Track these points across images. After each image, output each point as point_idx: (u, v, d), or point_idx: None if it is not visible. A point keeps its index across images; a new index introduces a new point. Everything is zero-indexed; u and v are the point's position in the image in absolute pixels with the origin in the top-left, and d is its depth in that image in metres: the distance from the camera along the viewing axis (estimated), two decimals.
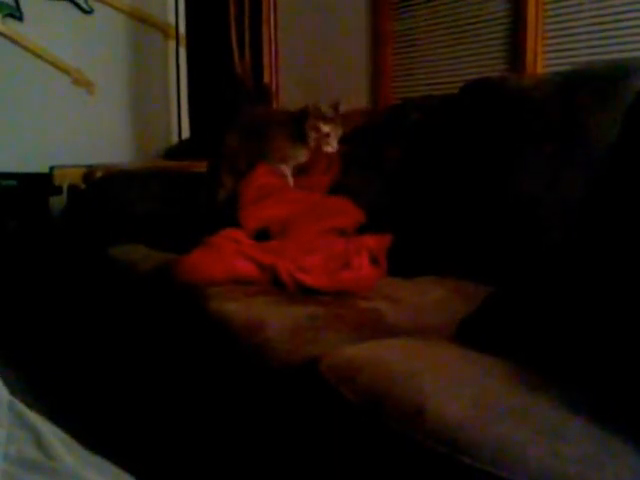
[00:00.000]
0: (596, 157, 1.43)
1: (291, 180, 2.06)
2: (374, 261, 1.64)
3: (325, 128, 1.96)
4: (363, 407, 0.88)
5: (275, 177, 2.03)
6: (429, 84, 2.60)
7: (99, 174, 2.49)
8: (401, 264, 1.65)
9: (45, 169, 2.84)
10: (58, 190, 2.75)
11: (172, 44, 3.62)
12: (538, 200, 1.52)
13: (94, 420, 1.76)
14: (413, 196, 1.86)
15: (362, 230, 1.82)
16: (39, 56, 3.36)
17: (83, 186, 2.55)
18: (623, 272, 0.87)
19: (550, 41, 2.16)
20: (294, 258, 1.57)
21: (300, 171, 2.08)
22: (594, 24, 2.01)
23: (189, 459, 1.47)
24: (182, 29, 3.52)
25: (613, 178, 1.07)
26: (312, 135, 1.99)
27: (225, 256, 1.57)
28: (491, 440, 0.73)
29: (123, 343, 1.89)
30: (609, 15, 1.98)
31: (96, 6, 3.50)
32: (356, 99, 2.71)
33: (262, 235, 1.77)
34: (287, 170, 2.06)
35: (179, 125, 3.54)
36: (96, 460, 0.76)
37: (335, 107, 2.00)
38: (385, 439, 0.84)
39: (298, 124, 2.01)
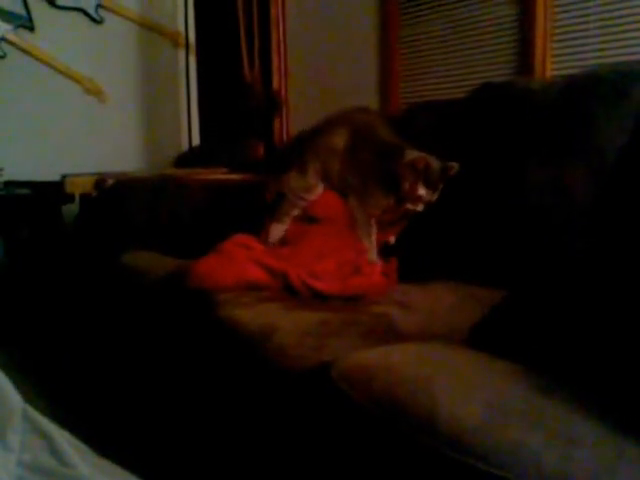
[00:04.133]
0: (605, 161, 1.43)
1: (375, 231, 1.78)
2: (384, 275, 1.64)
3: (421, 191, 1.68)
4: (375, 412, 0.88)
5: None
6: (437, 89, 2.60)
7: (110, 182, 2.51)
8: (412, 269, 1.65)
9: (57, 177, 2.86)
10: (70, 198, 2.77)
11: (182, 52, 3.65)
12: (548, 205, 1.52)
13: (107, 427, 1.77)
14: None
15: None
16: (50, 66, 3.39)
17: (95, 194, 2.57)
18: (636, 277, 0.87)
19: (558, 44, 2.16)
20: (305, 264, 1.57)
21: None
22: (603, 27, 2.01)
23: (201, 464, 1.47)
24: (192, 37, 3.54)
25: (624, 182, 1.07)
26: (405, 190, 1.69)
27: (236, 262, 1.57)
28: (504, 445, 0.73)
29: (135, 349, 1.89)
30: (617, 18, 1.97)
31: (106, 16, 3.54)
32: (365, 104, 2.71)
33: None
34: (373, 230, 1.77)
35: (189, 132, 3.56)
36: (109, 466, 0.76)
37: (445, 170, 1.67)
38: (398, 444, 0.84)
39: (394, 167, 1.71)
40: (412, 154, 1.70)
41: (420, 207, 1.71)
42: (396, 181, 1.71)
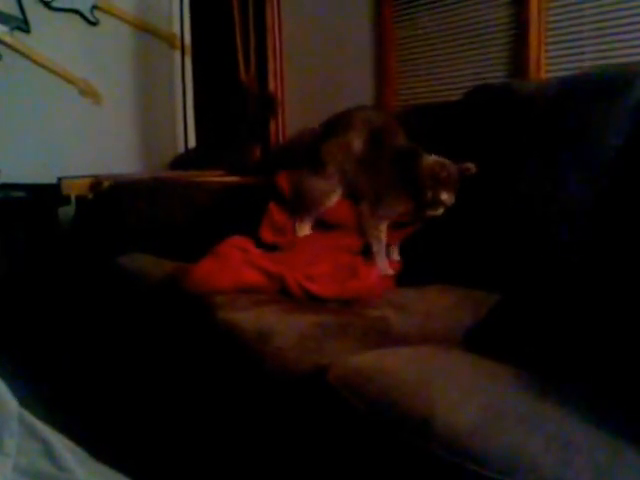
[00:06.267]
0: (600, 161, 1.43)
1: (384, 237, 1.74)
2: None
3: (444, 196, 1.66)
4: (372, 416, 0.88)
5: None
6: (432, 90, 2.61)
7: (106, 184, 2.50)
8: (409, 273, 1.65)
9: (53, 180, 2.86)
10: (66, 200, 2.76)
11: (178, 54, 3.64)
12: (544, 205, 1.52)
13: (104, 431, 1.76)
14: None
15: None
16: (46, 68, 3.38)
17: (91, 196, 2.56)
18: (635, 277, 0.87)
19: (552, 47, 2.17)
20: (302, 267, 1.57)
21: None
22: (596, 29, 2.02)
23: (199, 468, 1.46)
24: (187, 39, 3.54)
25: (621, 184, 1.07)
26: (428, 198, 1.66)
27: (233, 265, 1.57)
28: (502, 449, 0.73)
29: (132, 353, 1.89)
30: (611, 20, 1.98)
31: (102, 17, 3.53)
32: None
33: (270, 245, 1.77)
34: (384, 227, 1.74)
35: (185, 135, 3.55)
36: (106, 471, 0.76)
37: (462, 171, 1.66)
38: (394, 448, 0.84)
39: (412, 174, 1.69)
40: (428, 159, 1.68)
41: (440, 211, 1.69)
42: (415, 188, 1.68)
